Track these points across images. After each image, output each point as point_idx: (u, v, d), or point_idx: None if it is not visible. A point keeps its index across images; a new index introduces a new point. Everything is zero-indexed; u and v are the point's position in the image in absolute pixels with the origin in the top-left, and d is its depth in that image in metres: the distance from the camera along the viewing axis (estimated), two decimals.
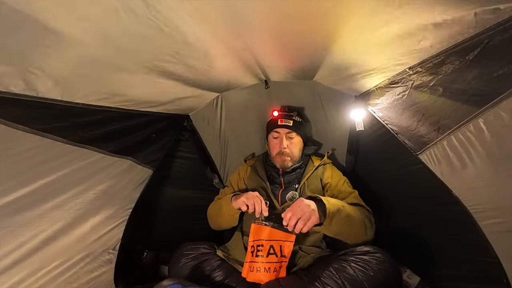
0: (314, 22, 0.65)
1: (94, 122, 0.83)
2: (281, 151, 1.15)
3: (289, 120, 1.17)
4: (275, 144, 1.18)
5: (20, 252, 0.70)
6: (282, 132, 1.17)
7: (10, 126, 0.63)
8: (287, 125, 1.16)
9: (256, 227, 0.91)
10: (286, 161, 1.15)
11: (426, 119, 0.80)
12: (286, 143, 1.15)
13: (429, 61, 0.69)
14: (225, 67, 0.94)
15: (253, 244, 0.90)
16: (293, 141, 1.17)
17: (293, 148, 1.17)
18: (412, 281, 1.08)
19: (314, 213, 0.85)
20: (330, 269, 0.79)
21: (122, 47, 0.65)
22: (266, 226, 0.90)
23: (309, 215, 0.84)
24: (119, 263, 1.04)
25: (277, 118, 1.19)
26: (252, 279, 0.85)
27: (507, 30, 0.53)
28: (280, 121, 1.17)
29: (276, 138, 1.19)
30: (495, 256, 0.76)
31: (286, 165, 1.16)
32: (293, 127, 1.17)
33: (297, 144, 1.18)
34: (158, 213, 1.37)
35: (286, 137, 1.16)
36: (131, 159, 1.01)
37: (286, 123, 1.16)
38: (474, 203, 0.76)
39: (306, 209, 0.85)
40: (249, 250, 0.89)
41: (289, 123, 1.17)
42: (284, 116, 1.18)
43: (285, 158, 1.15)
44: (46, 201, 0.75)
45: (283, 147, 1.14)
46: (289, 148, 1.15)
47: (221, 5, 0.55)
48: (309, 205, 0.86)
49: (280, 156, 1.16)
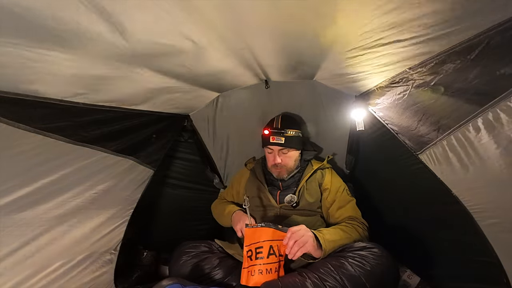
0: (313, 22, 0.65)
1: (95, 121, 0.83)
2: (275, 165, 1.16)
3: (281, 138, 1.14)
4: (269, 157, 1.19)
5: (22, 252, 0.70)
6: (275, 149, 1.16)
7: (12, 126, 0.63)
8: (279, 143, 1.14)
9: (251, 230, 0.89)
10: (281, 173, 1.16)
11: (426, 119, 0.80)
12: (280, 158, 1.15)
13: (430, 61, 0.69)
14: (224, 67, 0.94)
15: (250, 248, 0.87)
16: (287, 155, 1.16)
17: (288, 161, 1.16)
18: (412, 281, 1.08)
19: (310, 240, 0.85)
20: (329, 266, 0.80)
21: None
22: (263, 227, 0.89)
23: (306, 239, 0.85)
24: (119, 263, 1.04)
25: (268, 136, 1.16)
26: (254, 283, 0.83)
27: (508, 30, 0.53)
28: (272, 139, 1.14)
29: (270, 153, 1.19)
30: (495, 256, 0.76)
31: (281, 176, 1.17)
32: (285, 144, 1.14)
33: (291, 157, 1.17)
34: (158, 213, 1.38)
35: (280, 153, 1.15)
36: (133, 158, 1.02)
37: (278, 141, 1.14)
38: (474, 203, 0.76)
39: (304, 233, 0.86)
40: (245, 255, 0.87)
41: (281, 141, 1.14)
42: (275, 133, 1.15)
43: (280, 171, 1.16)
44: (48, 201, 0.75)
45: (277, 162, 1.14)
46: (283, 162, 1.15)
47: (221, 4, 0.55)
48: (309, 234, 0.87)
49: (275, 168, 1.17)
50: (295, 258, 0.84)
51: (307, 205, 1.10)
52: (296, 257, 0.84)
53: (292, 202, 1.09)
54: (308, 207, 1.10)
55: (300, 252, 0.84)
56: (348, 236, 0.94)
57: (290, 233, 0.86)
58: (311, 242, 0.85)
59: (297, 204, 1.10)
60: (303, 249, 0.84)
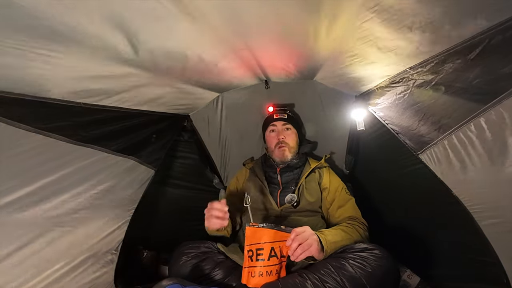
0: (314, 22, 0.65)
1: (96, 121, 0.83)
2: (279, 142, 1.20)
3: (284, 114, 1.26)
4: (272, 137, 1.24)
5: (23, 252, 0.70)
6: (279, 125, 1.24)
7: (13, 126, 0.63)
8: (283, 118, 1.25)
9: (252, 230, 0.86)
10: (285, 152, 1.18)
11: (427, 119, 0.80)
12: (284, 134, 1.22)
13: (430, 61, 0.69)
14: (225, 67, 0.94)
15: (250, 248, 0.85)
16: (290, 132, 1.24)
17: (290, 140, 1.22)
18: (412, 281, 1.08)
19: (314, 244, 0.83)
20: (329, 267, 0.79)
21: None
22: (264, 228, 0.86)
23: (310, 243, 0.83)
24: (119, 263, 1.03)
25: (273, 112, 1.28)
26: (254, 284, 0.81)
27: (508, 30, 0.53)
28: (276, 115, 1.26)
29: (273, 132, 1.25)
30: (495, 256, 0.76)
31: (285, 157, 1.18)
32: (288, 119, 1.25)
33: (293, 136, 1.24)
34: (158, 213, 1.38)
35: (283, 129, 1.24)
36: (134, 158, 1.02)
37: (282, 116, 1.25)
38: (474, 203, 0.76)
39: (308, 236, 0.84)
40: (246, 255, 0.85)
41: (284, 116, 1.26)
42: (279, 111, 1.28)
43: (284, 149, 1.19)
44: (48, 201, 0.75)
45: (281, 138, 1.20)
46: (286, 139, 1.21)
47: (221, 5, 0.55)
48: (314, 238, 0.85)
49: (278, 147, 1.19)
50: (297, 260, 0.83)
51: (308, 204, 1.10)
52: (299, 260, 0.82)
53: (293, 202, 1.08)
54: (309, 207, 1.10)
55: (304, 255, 0.82)
56: (349, 237, 0.93)
57: (294, 235, 0.83)
58: (315, 246, 0.83)
59: (297, 204, 1.10)
60: (307, 252, 0.82)
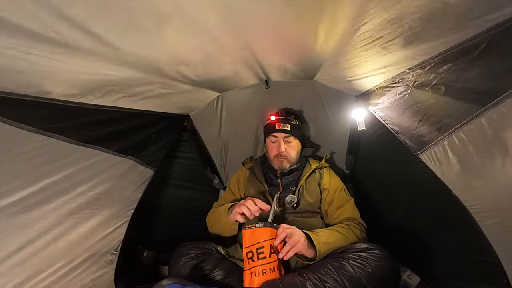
0: (314, 22, 0.65)
1: (98, 122, 0.83)
2: (279, 154, 1.16)
3: (287, 124, 1.17)
4: (273, 147, 1.19)
5: (23, 252, 0.70)
6: (280, 136, 1.17)
7: (15, 126, 0.63)
8: (285, 130, 1.16)
9: (250, 231, 0.87)
10: (283, 163, 1.16)
11: (427, 119, 0.80)
12: (284, 147, 1.16)
13: (430, 61, 0.69)
14: (225, 67, 0.94)
15: (250, 250, 0.85)
16: (291, 144, 1.18)
17: (291, 151, 1.18)
18: (412, 281, 1.08)
19: (301, 239, 0.85)
20: (329, 267, 0.80)
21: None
22: (261, 227, 0.87)
23: (297, 239, 0.85)
24: (119, 263, 1.04)
25: (275, 122, 1.18)
26: (258, 283, 0.81)
27: (508, 30, 0.53)
28: (278, 126, 1.17)
29: (274, 142, 1.19)
30: (495, 256, 0.76)
31: (283, 167, 1.17)
32: (290, 131, 1.17)
33: (295, 147, 1.19)
34: (158, 213, 1.38)
35: (284, 141, 1.17)
36: (133, 159, 1.02)
37: (284, 127, 1.16)
38: (474, 203, 0.77)
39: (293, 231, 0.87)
40: (245, 258, 0.85)
41: (286, 127, 1.16)
42: (281, 120, 1.18)
43: (282, 160, 1.16)
44: (50, 201, 0.75)
45: (281, 151, 1.15)
46: (287, 151, 1.16)
47: (220, 4, 0.55)
48: (300, 233, 0.88)
49: (277, 158, 1.17)
50: (286, 258, 0.84)
51: (307, 205, 1.10)
52: (288, 257, 0.84)
53: (293, 203, 1.09)
54: (308, 208, 1.10)
55: (292, 252, 0.83)
56: (345, 238, 0.93)
57: (282, 229, 0.86)
58: (302, 242, 0.85)
59: (297, 205, 1.10)
60: (295, 249, 0.84)
